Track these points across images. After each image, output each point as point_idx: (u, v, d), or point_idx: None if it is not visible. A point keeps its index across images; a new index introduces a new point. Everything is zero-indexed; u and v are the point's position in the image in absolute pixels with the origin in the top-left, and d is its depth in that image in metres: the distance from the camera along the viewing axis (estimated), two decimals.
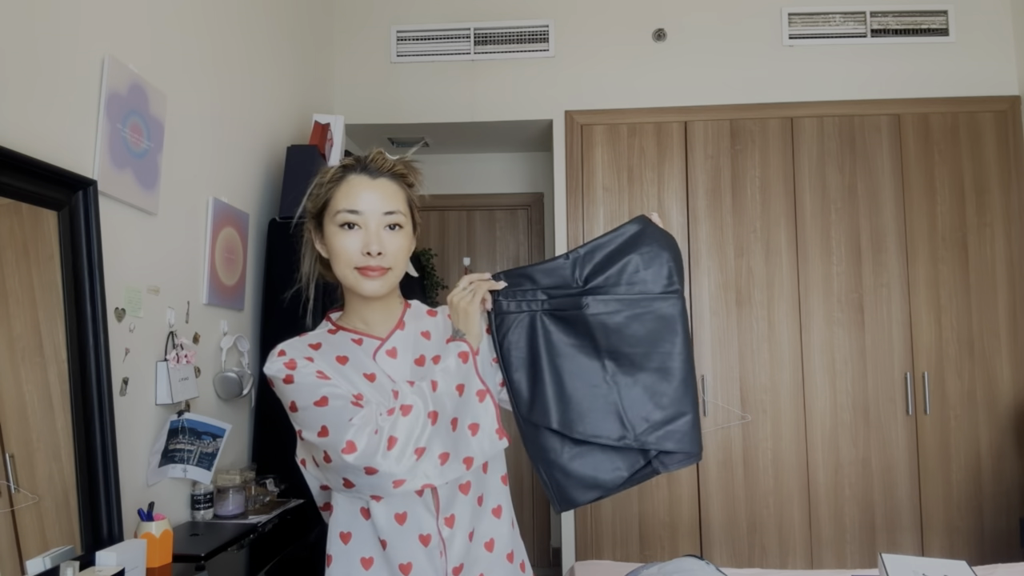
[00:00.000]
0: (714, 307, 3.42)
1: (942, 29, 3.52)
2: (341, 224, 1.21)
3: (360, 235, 1.21)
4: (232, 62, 2.54)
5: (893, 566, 1.94)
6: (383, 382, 1.23)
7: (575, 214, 3.51)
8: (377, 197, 1.22)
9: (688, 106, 3.54)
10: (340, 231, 1.21)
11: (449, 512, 1.22)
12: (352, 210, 1.21)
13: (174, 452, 2.02)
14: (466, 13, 3.66)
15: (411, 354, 1.28)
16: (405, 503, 1.19)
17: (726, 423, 3.37)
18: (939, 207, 3.41)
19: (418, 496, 1.19)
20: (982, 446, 3.32)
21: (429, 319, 1.35)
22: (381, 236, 1.21)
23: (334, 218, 1.22)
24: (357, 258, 1.21)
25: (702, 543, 3.33)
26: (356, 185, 1.22)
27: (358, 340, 1.28)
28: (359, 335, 1.28)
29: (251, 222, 2.63)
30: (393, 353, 1.27)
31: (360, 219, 1.21)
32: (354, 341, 1.28)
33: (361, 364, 1.25)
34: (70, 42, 1.70)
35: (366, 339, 1.28)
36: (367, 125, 3.70)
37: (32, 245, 1.57)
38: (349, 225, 1.21)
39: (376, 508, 1.18)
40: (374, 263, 1.20)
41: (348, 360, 1.25)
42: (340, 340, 1.28)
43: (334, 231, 1.22)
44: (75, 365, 1.63)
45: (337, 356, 1.24)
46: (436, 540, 1.20)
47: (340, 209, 1.21)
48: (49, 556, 1.46)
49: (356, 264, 1.21)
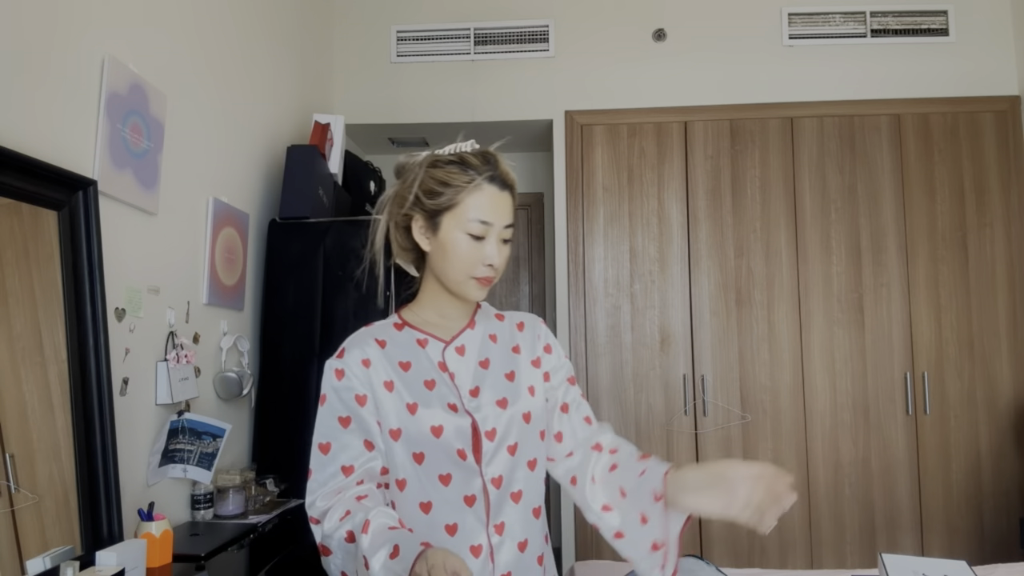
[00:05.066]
0: (714, 307, 3.42)
1: (942, 29, 3.52)
2: (471, 233, 1.22)
3: (483, 246, 1.22)
4: (232, 62, 2.54)
5: (893, 566, 1.94)
6: (442, 391, 1.23)
7: (575, 214, 3.51)
8: (503, 210, 1.24)
9: (688, 106, 3.54)
10: (467, 238, 1.22)
11: (499, 520, 1.23)
12: (486, 222, 1.22)
13: (174, 452, 2.02)
14: (466, 13, 3.66)
15: (477, 355, 1.29)
16: (449, 514, 1.20)
17: (726, 423, 3.37)
18: (939, 207, 3.41)
19: (468, 507, 1.20)
20: (982, 446, 3.32)
21: (497, 322, 1.36)
22: (498, 248, 1.24)
23: (464, 224, 1.22)
24: (479, 268, 1.23)
25: (702, 543, 3.33)
26: (490, 196, 1.23)
27: (423, 341, 1.27)
28: (425, 335, 1.28)
29: (251, 222, 2.63)
30: (461, 351, 1.28)
31: (488, 231, 1.22)
32: (419, 343, 1.27)
33: (423, 370, 1.25)
34: (70, 42, 1.70)
35: (431, 340, 1.28)
36: (367, 125, 3.70)
37: (32, 245, 1.57)
38: (477, 235, 1.22)
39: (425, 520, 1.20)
40: (490, 274, 1.23)
41: (411, 366, 1.25)
42: (405, 339, 1.27)
43: (459, 236, 1.22)
44: (75, 365, 1.63)
45: (400, 361, 1.25)
46: (486, 549, 1.21)
47: (474, 218, 1.21)
48: (49, 556, 1.46)
49: (476, 274, 1.23)
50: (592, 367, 3.45)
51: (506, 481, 1.23)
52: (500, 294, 4.38)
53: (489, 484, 1.21)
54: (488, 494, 1.21)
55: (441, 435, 1.19)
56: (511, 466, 1.23)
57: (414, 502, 1.20)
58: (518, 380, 1.29)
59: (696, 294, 3.43)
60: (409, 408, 1.20)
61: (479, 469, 1.21)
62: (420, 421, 1.20)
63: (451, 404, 1.22)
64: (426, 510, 1.19)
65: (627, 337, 3.45)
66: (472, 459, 1.21)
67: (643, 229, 3.49)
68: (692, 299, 3.43)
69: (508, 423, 1.24)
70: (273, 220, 2.69)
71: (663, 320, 3.44)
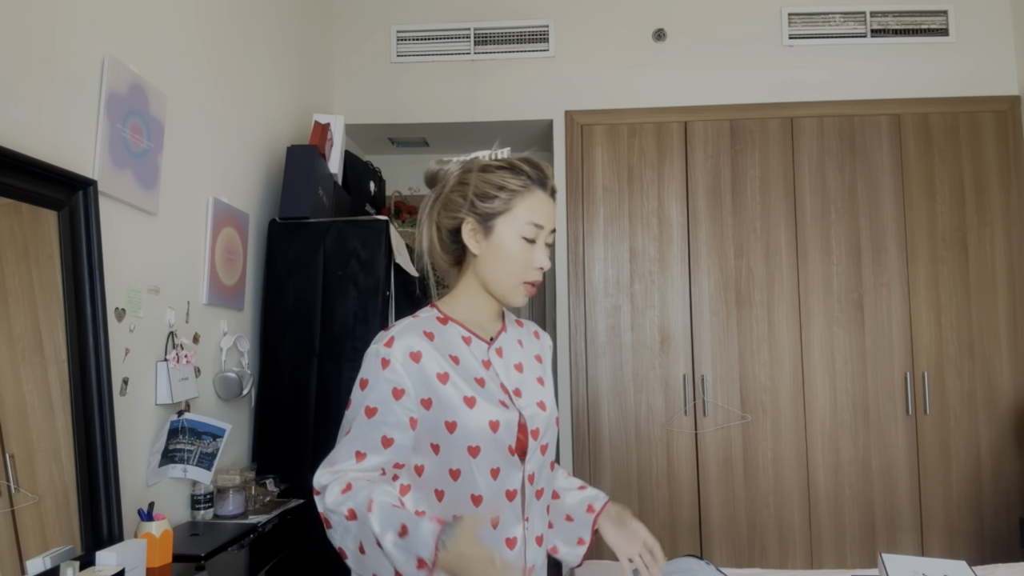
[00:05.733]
0: (714, 307, 3.42)
1: (942, 29, 3.52)
2: (524, 236, 1.27)
3: (533, 249, 1.29)
4: (232, 62, 2.54)
5: (893, 566, 1.94)
6: (492, 388, 1.27)
7: (575, 214, 3.51)
8: (552, 216, 1.31)
9: (688, 106, 3.54)
10: (520, 241, 1.27)
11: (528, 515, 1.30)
12: (539, 225, 1.28)
13: (174, 452, 2.02)
14: (466, 13, 3.66)
15: (513, 359, 1.35)
16: (497, 506, 1.25)
17: (726, 423, 3.37)
18: (939, 207, 3.41)
19: (508, 501, 1.26)
20: (982, 446, 3.32)
21: (518, 328, 1.43)
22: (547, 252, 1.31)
23: (519, 227, 1.27)
24: (531, 272, 1.29)
25: (702, 543, 3.33)
26: (542, 201, 1.29)
27: (467, 339, 1.31)
28: (469, 333, 1.31)
29: (251, 222, 2.63)
30: (500, 352, 1.34)
31: (539, 234, 1.28)
32: (463, 339, 1.30)
33: (472, 368, 1.28)
34: (70, 42, 1.70)
35: (474, 339, 1.31)
36: (367, 125, 3.70)
37: (32, 245, 1.57)
38: (530, 238, 1.28)
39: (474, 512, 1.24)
40: (539, 278, 1.30)
41: (460, 361, 1.28)
42: (451, 334, 1.30)
43: (514, 239, 1.27)
44: (75, 365, 1.63)
45: (451, 355, 1.27)
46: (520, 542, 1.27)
47: (530, 221, 1.27)
48: (49, 556, 1.46)
49: (528, 278, 1.29)
50: (592, 367, 3.45)
51: (536, 479, 1.31)
52: None
53: (526, 480, 1.28)
54: (525, 490, 1.28)
55: (498, 430, 1.23)
56: (541, 465, 1.32)
57: (465, 494, 1.23)
58: (547, 385, 1.39)
59: (696, 294, 3.43)
60: (467, 402, 1.23)
61: (522, 465, 1.27)
62: (478, 415, 1.23)
63: (502, 401, 1.26)
64: (477, 503, 1.23)
65: (627, 337, 3.45)
66: (517, 456, 1.26)
67: (643, 229, 3.49)
68: (692, 299, 3.43)
69: (546, 424, 1.32)
70: (273, 220, 2.69)
71: (663, 320, 3.44)
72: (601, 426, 3.42)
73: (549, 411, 1.34)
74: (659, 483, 3.37)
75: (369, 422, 1.21)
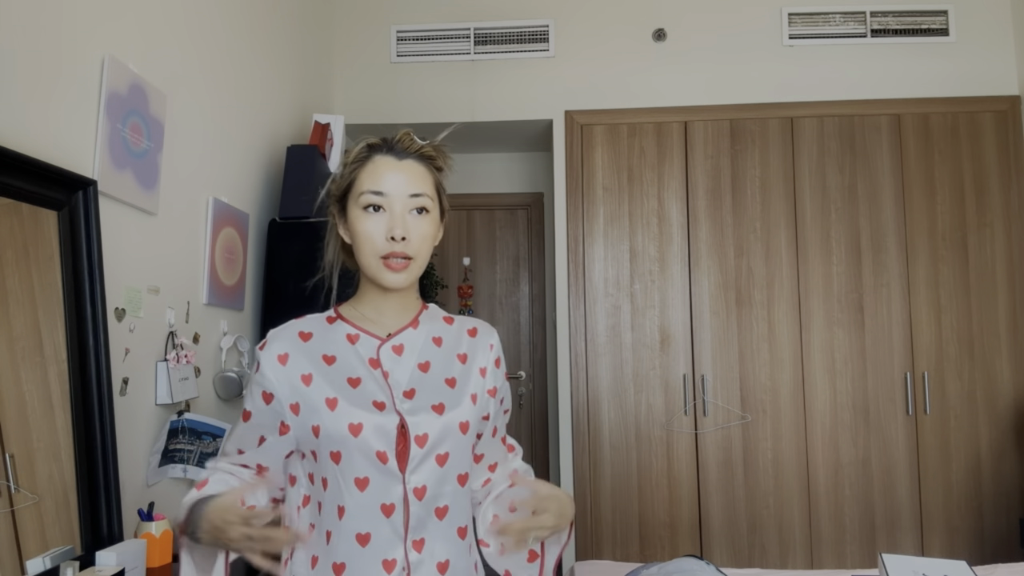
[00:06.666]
0: (714, 307, 3.42)
1: (942, 29, 3.52)
2: (365, 206, 1.16)
3: (384, 219, 1.15)
4: (232, 62, 2.54)
5: (893, 566, 1.94)
6: (368, 389, 1.15)
7: (575, 214, 3.51)
8: (403, 179, 1.16)
9: (688, 106, 3.54)
10: (364, 214, 1.16)
11: (419, 535, 1.13)
12: (377, 191, 1.15)
13: (174, 452, 2.02)
14: (466, 13, 3.66)
15: (417, 357, 1.21)
16: (369, 522, 1.12)
17: (726, 423, 3.37)
18: (939, 207, 3.41)
19: (385, 516, 1.12)
20: (982, 446, 3.32)
21: (444, 325, 1.27)
22: (406, 220, 1.15)
23: (358, 200, 1.16)
24: (382, 244, 1.14)
25: (702, 543, 3.33)
26: (382, 166, 1.17)
27: (354, 336, 1.20)
28: (358, 330, 1.21)
29: (251, 222, 2.63)
30: (399, 350, 1.20)
31: (385, 201, 1.15)
32: (349, 337, 1.20)
33: (349, 366, 1.17)
34: (70, 42, 1.70)
35: (363, 336, 1.20)
36: (367, 125, 3.69)
37: (32, 245, 1.57)
38: (374, 208, 1.15)
39: (338, 527, 1.12)
40: (399, 249, 1.14)
41: (335, 361, 1.18)
42: (334, 334, 1.21)
43: (357, 214, 1.16)
44: (75, 365, 1.63)
45: (324, 355, 1.18)
46: (400, 566, 1.12)
47: (364, 190, 1.16)
48: (49, 556, 1.46)
49: (381, 252, 1.15)
50: (592, 367, 3.45)
51: (431, 494, 1.13)
52: (500, 294, 4.38)
53: (411, 494, 1.12)
54: (409, 505, 1.11)
55: (359, 434, 1.10)
56: (439, 478, 1.14)
57: (333, 505, 1.12)
58: (460, 387, 1.20)
59: (696, 294, 3.43)
60: (328, 403, 1.13)
61: (402, 476, 1.11)
62: (338, 418, 1.11)
63: (377, 402, 1.14)
64: (340, 515, 1.11)
65: (627, 337, 3.45)
66: (394, 464, 1.11)
67: (643, 229, 3.49)
68: (692, 299, 3.43)
69: (442, 431, 1.15)
70: (273, 220, 2.69)
71: (663, 320, 3.44)
72: (601, 426, 3.42)
73: (450, 415, 1.16)
74: (659, 483, 3.37)
75: (245, 425, 1.20)
